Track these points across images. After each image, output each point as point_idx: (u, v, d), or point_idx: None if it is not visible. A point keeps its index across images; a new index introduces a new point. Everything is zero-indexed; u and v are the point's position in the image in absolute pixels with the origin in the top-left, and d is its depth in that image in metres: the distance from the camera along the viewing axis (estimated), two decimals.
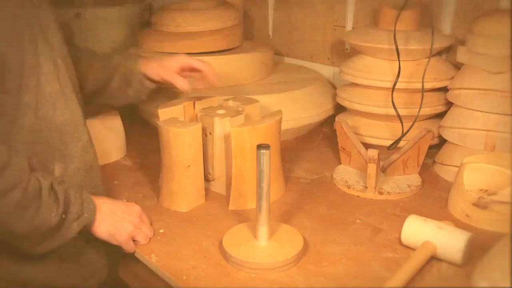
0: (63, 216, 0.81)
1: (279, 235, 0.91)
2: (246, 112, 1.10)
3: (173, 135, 0.99)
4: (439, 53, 1.28)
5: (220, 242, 0.91)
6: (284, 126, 1.17)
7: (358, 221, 1.00)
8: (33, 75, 0.82)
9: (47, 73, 0.84)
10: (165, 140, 1.01)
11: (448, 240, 0.84)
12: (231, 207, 1.04)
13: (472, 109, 1.10)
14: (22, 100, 0.81)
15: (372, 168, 1.05)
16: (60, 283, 0.88)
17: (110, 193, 1.01)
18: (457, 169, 1.04)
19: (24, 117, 0.82)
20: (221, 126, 1.05)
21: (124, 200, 1.06)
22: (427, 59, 1.17)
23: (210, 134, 1.05)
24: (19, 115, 0.81)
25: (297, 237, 0.91)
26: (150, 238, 0.94)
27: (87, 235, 0.88)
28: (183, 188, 1.02)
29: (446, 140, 1.17)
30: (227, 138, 1.04)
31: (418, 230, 0.87)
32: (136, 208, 0.95)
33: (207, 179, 1.10)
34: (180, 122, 1.03)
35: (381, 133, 1.27)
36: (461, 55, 1.14)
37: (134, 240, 0.92)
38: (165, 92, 1.24)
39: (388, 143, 1.23)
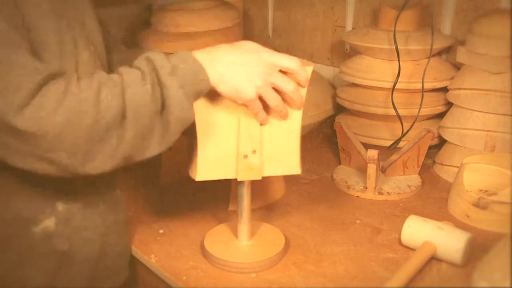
0: (154, 73, 0.71)
1: (261, 234, 0.92)
2: None
3: None
4: (439, 53, 1.28)
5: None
6: None
7: (358, 221, 1.00)
8: (72, 60, 0.76)
9: (85, 59, 0.79)
10: None
11: (448, 241, 0.84)
12: (231, 207, 1.04)
13: (472, 110, 1.10)
14: None
15: (372, 168, 1.05)
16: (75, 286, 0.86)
17: None
18: (457, 169, 1.03)
19: None
20: None
21: None
22: (427, 59, 1.17)
23: None
24: None
25: (279, 236, 0.92)
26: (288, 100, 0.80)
27: (111, 226, 0.87)
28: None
29: (446, 141, 1.17)
30: None
31: (418, 231, 0.87)
32: (265, 55, 0.77)
33: None
34: None
35: (381, 134, 1.27)
36: (461, 55, 1.14)
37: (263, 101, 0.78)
38: None
39: (388, 143, 1.23)
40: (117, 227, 0.89)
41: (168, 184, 1.14)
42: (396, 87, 1.19)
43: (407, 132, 1.20)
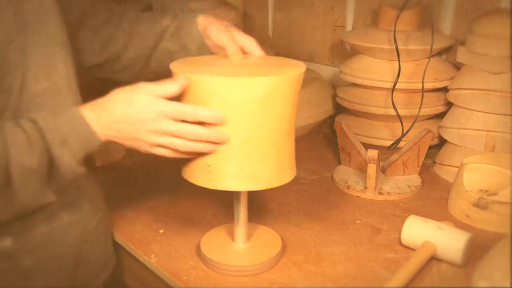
0: (42, 146, 0.67)
1: (257, 236, 0.91)
2: None
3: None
4: (439, 53, 1.28)
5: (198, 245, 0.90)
6: None
7: (358, 221, 1.00)
8: (18, 74, 0.70)
9: (34, 68, 0.72)
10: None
11: (448, 241, 0.84)
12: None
13: (472, 110, 1.10)
14: (0, 103, 0.69)
15: (372, 168, 1.05)
16: (59, 285, 0.86)
17: (109, 193, 1.01)
18: (457, 169, 1.03)
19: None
20: None
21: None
22: (427, 59, 1.17)
23: None
24: None
25: (275, 237, 0.91)
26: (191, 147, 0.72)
27: (83, 235, 0.86)
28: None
29: (446, 141, 1.17)
30: None
31: (418, 231, 0.87)
32: (149, 108, 0.70)
33: None
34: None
35: (381, 134, 1.27)
36: (461, 55, 1.14)
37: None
38: None
39: (388, 143, 1.23)
40: (89, 236, 0.88)
41: (167, 184, 1.14)
42: (396, 87, 1.19)
43: (407, 132, 1.20)
